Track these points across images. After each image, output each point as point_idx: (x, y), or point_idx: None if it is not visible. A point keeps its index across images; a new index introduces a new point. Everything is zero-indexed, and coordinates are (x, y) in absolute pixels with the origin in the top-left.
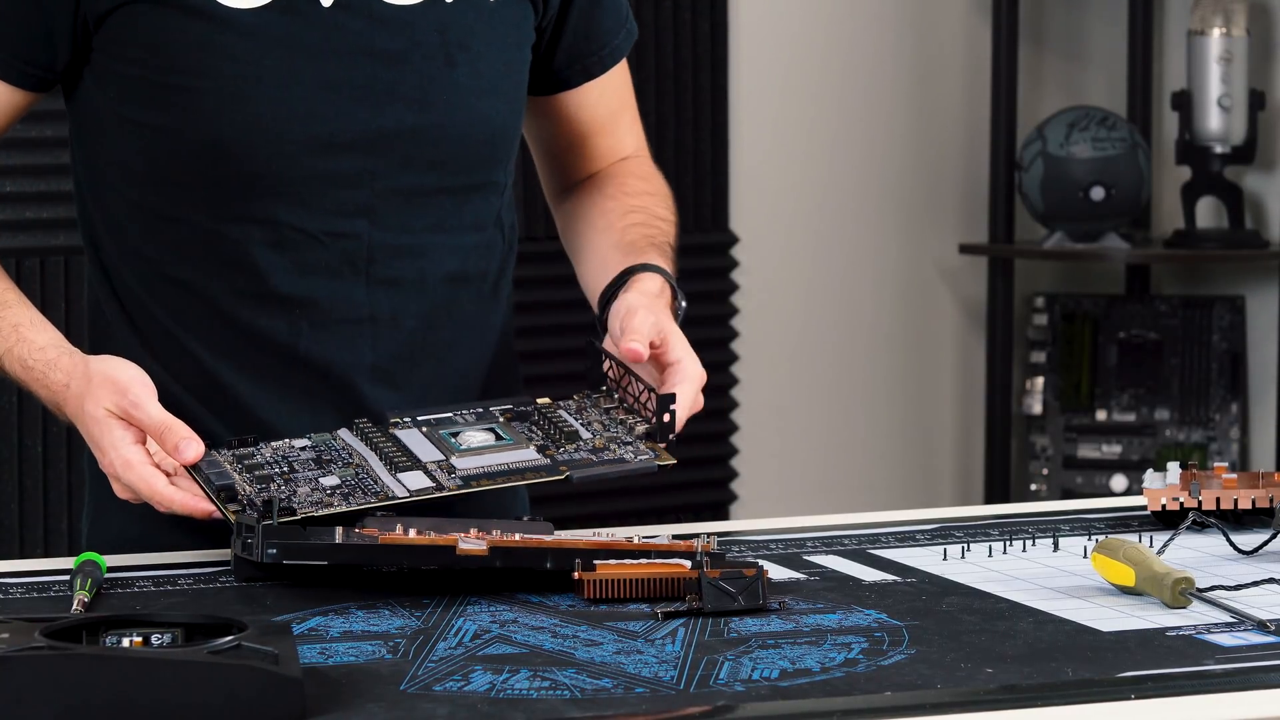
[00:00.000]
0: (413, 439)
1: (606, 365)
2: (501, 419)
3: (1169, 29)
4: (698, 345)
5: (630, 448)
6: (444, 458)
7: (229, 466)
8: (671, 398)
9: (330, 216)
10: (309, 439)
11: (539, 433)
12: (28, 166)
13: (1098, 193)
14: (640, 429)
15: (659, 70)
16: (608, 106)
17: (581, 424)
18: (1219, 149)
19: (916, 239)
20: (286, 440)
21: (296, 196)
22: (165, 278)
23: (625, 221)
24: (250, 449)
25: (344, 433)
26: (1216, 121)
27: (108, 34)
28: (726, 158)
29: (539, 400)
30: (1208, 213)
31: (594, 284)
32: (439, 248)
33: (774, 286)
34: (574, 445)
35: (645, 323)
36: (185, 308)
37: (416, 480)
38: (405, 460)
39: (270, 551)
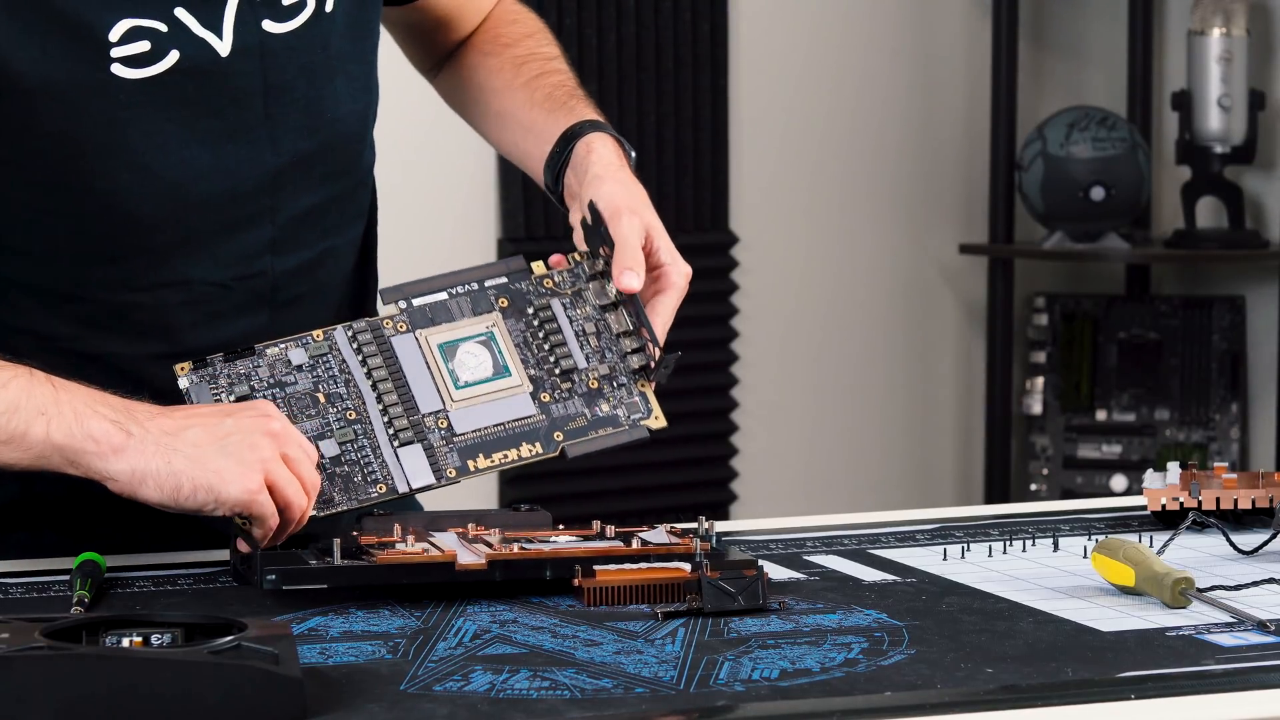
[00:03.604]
0: (408, 352)
1: (603, 250)
2: (497, 305)
3: (1169, 29)
4: (698, 345)
5: (624, 391)
6: (441, 407)
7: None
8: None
9: (238, 262)
10: (304, 347)
11: (532, 353)
12: None
13: (1098, 193)
14: (635, 363)
15: (659, 70)
16: None
17: (576, 332)
18: (1219, 149)
19: (916, 239)
20: (284, 348)
21: (206, 252)
22: (65, 351)
23: (524, 75)
24: (247, 360)
25: (340, 337)
26: (1216, 121)
27: None
28: (726, 158)
29: (533, 269)
30: (1208, 213)
31: (526, 149)
32: (332, 253)
33: (774, 286)
34: (568, 385)
35: (633, 230)
36: (89, 376)
37: (417, 462)
38: (405, 425)
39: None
